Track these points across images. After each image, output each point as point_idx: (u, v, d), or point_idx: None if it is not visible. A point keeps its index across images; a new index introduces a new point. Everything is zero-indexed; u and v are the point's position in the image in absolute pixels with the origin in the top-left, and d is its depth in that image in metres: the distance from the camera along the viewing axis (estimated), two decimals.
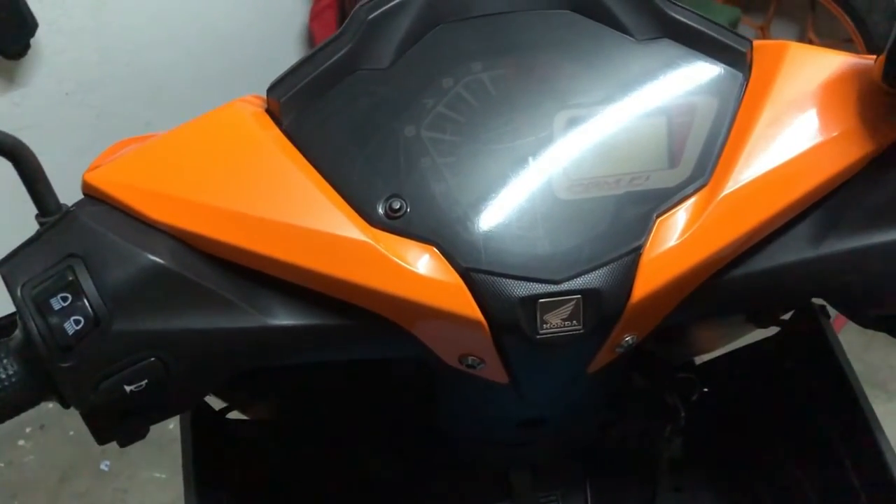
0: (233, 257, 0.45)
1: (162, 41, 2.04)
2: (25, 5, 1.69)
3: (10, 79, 1.83)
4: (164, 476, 1.83)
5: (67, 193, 0.47)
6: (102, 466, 1.85)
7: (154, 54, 2.04)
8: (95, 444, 0.48)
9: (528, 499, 0.69)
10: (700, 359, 0.75)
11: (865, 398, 0.57)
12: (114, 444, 0.48)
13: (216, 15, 2.14)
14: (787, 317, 0.64)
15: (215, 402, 0.63)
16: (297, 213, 0.43)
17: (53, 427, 1.91)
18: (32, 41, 1.76)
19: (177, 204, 0.44)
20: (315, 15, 2.28)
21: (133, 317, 0.42)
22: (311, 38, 2.35)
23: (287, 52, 2.37)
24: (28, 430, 1.92)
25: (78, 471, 1.84)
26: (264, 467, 0.65)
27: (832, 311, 0.60)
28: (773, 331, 0.65)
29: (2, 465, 1.86)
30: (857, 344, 1.93)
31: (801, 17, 2.46)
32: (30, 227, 0.45)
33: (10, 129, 1.54)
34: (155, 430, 0.49)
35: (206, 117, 0.47)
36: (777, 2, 2.48)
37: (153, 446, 1.89)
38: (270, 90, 0.47)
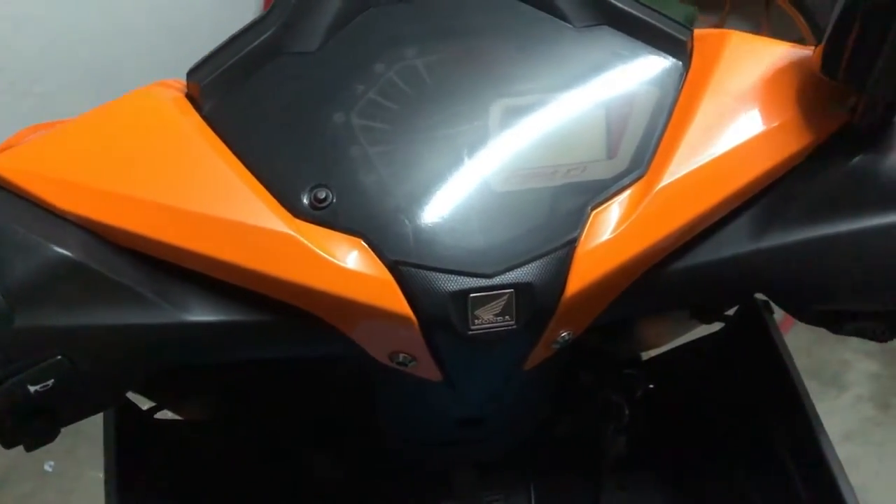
0: (147, 250, 0.42)
1: (112, 31, 2.00)
2: None
3: None
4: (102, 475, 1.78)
5: None
6: (46, 467, 1.80)
7: (103, 44, 1.99)
8: (6, 449, 0.45)
9: (471, 498, 0.67)
10: (645, 355, 0.75)
11: (807, 395, 0.56)
12: (58, 444, 0.45)
13: (168, 4, 2.10)
14: (731, 312, 0.63)
15: (143, 402, 0.60)
16: (216, 204, 0.41)
17: None
18: None
19: (87, 193, 0.42)
20: (269, 3, 2.24)
21: (37, 312, 0.40)
22: None
23: None
24: None
25: (20, 472, 1.79)
26: (196, 469, 0.63)
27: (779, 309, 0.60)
28: (717, 326, 0.65)
29: None
30: (807, 339, 1.95)
31: (756, 15, 2.49)
32: None
33: None
34: (101, 429, 0.47)
35: (121, 101, 0.44)
36: (731, 0, 2.51)
37: (99, 446, 1.85)
38: (191, 73, 0.45)
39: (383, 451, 0.66)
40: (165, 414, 0.64)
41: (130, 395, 0.57)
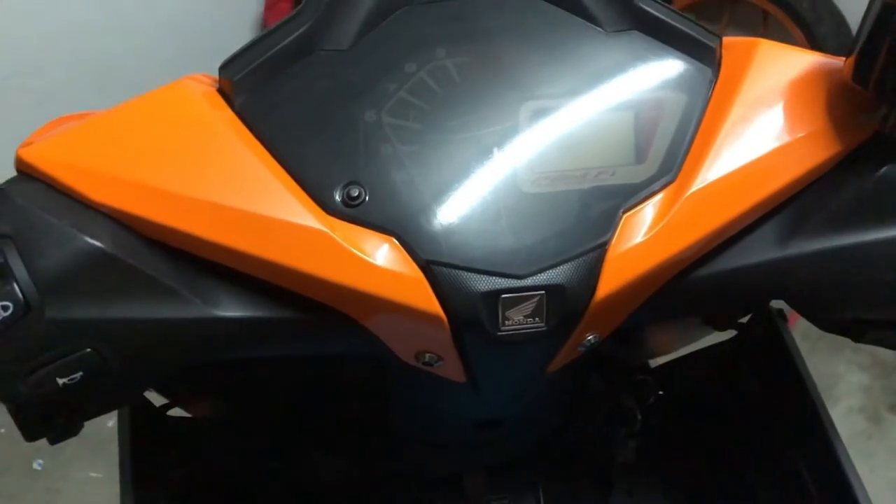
0: (178, 243, 0.42)
1: (109, 27, 1.99)
2: None
3: None
4: (99, 475, 1.77)
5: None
6: (35, 465, 1.79)
7: (100, 40, 1.98)
8: (27, 442, 0.44)
9: (481, 501, 0.67)
10: (656, 361, 0.75)
11: (822, 403, 0.57)
12: (47, 443, 0.45)
13: (167, 1, 2.09)
14: (744, 320, 0.64)
15: (156, 399, 0.60)
16: (249, 198, 0.41)
17: None
18: None
19: (119, 184, 0.41)
20: (270, 5, 2.24)
21: (68, 304, 0.39)
22: (264, 27, 2.31)
23: (239, 42, 2.33)
24: None
25: (8, 470, 1.77)
26: (207, 466, 0.62)
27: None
28: (729, 334, 0.65)
29: None
30: (801, 350, 1.96)
31: (754, 27, 2.51)
32: None
33: None
34: (91, 427, 0.46)
35: (154, 94, 0.44)
36: (730, 12, 2.52)
37: (89, 445, 1.83)
38: (223, 68, 0.45)
39: (394, 453, 0.66)
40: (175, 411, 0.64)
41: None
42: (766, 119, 0.45)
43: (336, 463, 0.67)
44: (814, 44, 2.00)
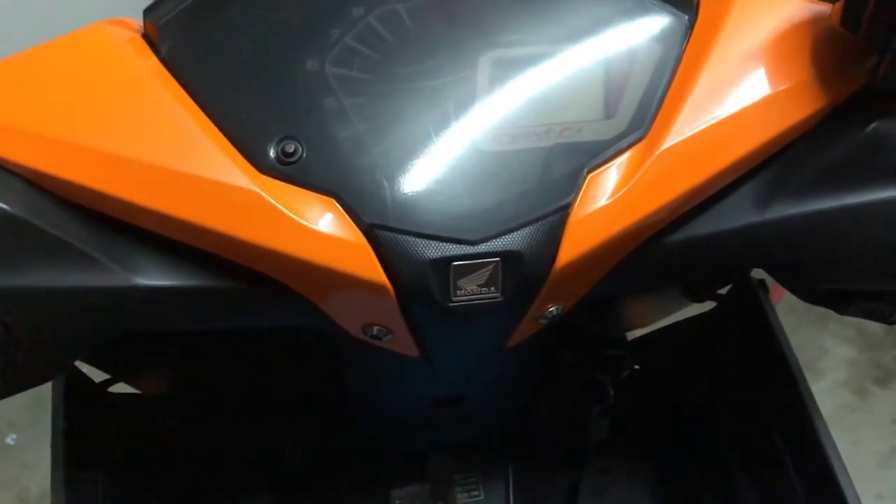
0: (95, 204, 0.38)
1: None
2: None
3: None
4: None
5: None
6: (9, 440, 1.75)
7: (72, 4, 1.92)
8: (2, 415, 0.41)
9: (446, 480, 0.64)
10: (632, 334, 0.72)
11: (803, 377, 0.54)
12: (21, 417, 0.41)
13: None
14: (723, 291, 0.61)
15: (96, 374, 0.56)
16: (172, 155, 0.37)
17: None
18: None
19: (27, 139, 0.37)
20: None
21: None
22: None
23: None
24: None
25: None
26: (152, 445, 0.59)
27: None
28: (708, 306, 0.62)
29: None
30: (786, 324, 1.94)
31: None
32: None
33: None
34: None
35: (69, 38, 0.40)
36: None
37: None
38: (148, 11, 0.41)
39: (352, 429, 0.63)
40: (121, 388, 0.61)
41: (83, 367, 0.53)
42: (746, 70, 0.42)
43: (289, 439, 0.63)
44: None
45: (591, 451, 0.67)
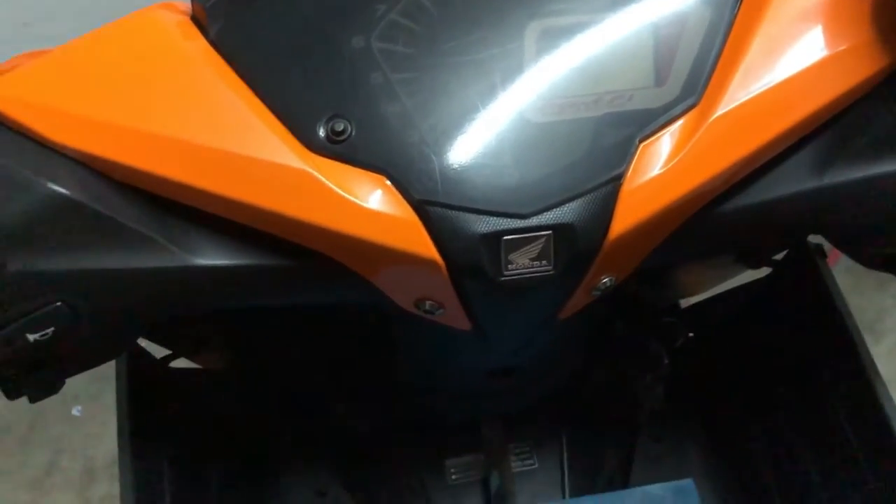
0: (151, 187, 0.39)
1: None
2: None
3: None
4: None
5: None
6: (74, 412, 1.82)
7: None
8: (68, 388, 0.43)
9: (500, 449, 0.65)
10: (685, 302, 0.71)
11: (864, 343, 0.53)
12: (86, 389, 0.43)
13: None
14: (779, 257, 0.59)
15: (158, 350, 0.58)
16: (225, 137, 0.38)
17: None
18: None
19: (85, 125, 0.38)
20: None
21: (33, 256, 0.37)
22: None
23: None
24: None
25: (49, 416, 1.81)
26: (212, 419, 0.61)
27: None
28: (764, 272, 0.61)
29: None
30: (844, 285, 1.88)
31: None
32: None
33: None
34: None
35: (120, 24, 0.40)
36: None
37: None
38: None
39: (409, 400, 0.63)
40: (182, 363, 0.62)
41: (145, 343, 0.55)
42: (801, 32, 0.41)
43: (348, 411, 0.64)
44: None
45: (644, 418, 0.67)
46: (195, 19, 0.41)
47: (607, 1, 0.41)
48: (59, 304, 0.37)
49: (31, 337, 0.37)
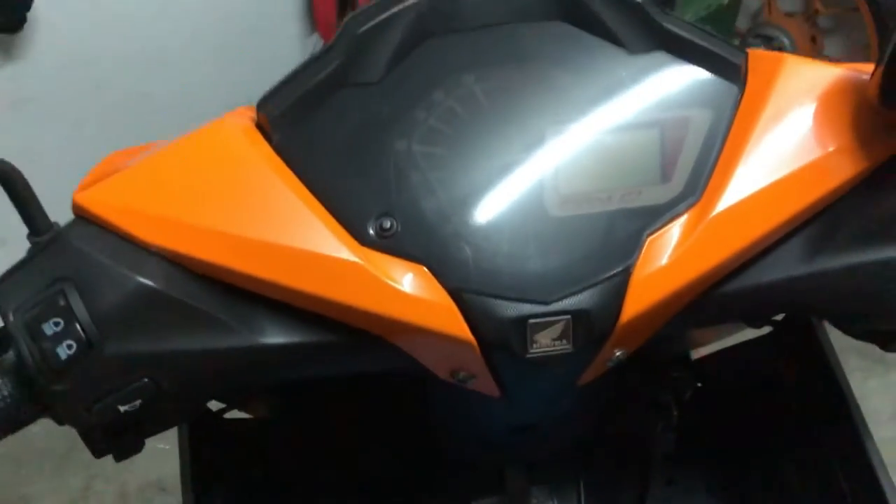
0: (224, 277, 0.45)
1: (159, 14, 2.03)
2: None
3: (7, 52, 1.81)
4: (167, 447, 1.85)
5: (68, 170, 0.46)
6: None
7: (151, 27, 2.02)
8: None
9: (522, 494, 0.70)
10: (696, 352, 0.76)
11: (854, 401, 0.57)
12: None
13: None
14: (779, 317, 0.64)
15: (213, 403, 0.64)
16: (288, 233, 0.43)
17: None
18: (29, 15, 1.74)
19: (167, 225, 0.44)
20: None
21: (125, 340, 0.42)
22: (310, 9, 2.32)
23: (286, 23, 2.34)
24: None
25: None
26: (263, 466, 0.66)
27: None
28: (765, 329, 0.66)
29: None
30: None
31: None
32: None
33: (9, 102, 1.53)
34: None
35: (197, 134, 0.46)
36: None
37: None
38: (260, 105, 0.47)
39: (437, 449, 0.69)
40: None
41: None
42: (792, 136, 0.45)
43: (381, 459, 0.70)
44: (872, 2, 1.93)
45: (657, 463, 0.72)
46: (260, 126, 0.47)
47: (618, 106, 0.46)
48: (146, 380, 0.43)
49: (121, 408, 0.43)
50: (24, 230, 0.45)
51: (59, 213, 0.46)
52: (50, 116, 1.88)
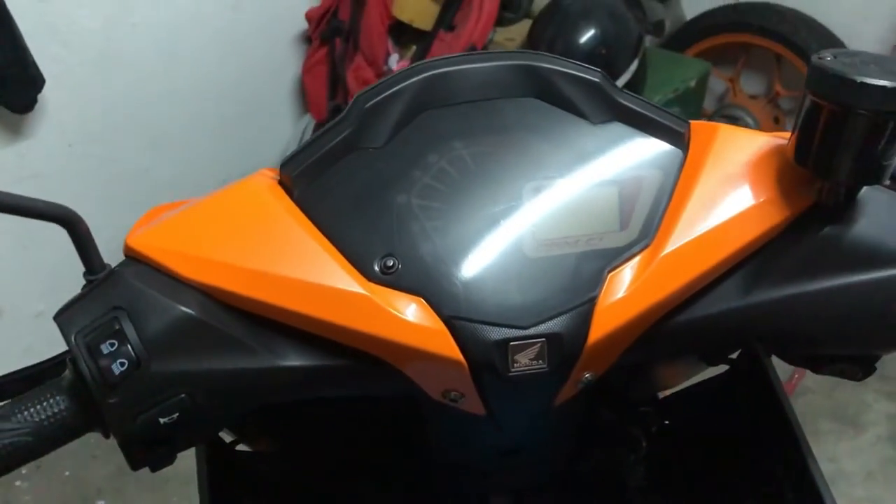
0: (251, 308, 0.52)
1: (161, 95, 2.12)
2: (33, 63, 1.77)
3: (17, 131, 1.89)
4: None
5: (68, 242, 0.52)
6: None
7: (153, 107, 2.11)
8: (91, 483, 0.54)
9: None
10: (662, 394, 0.83)
11: (803, 435, 0.61)
12: (108, 483, 0.54)
13: (213, 69, 2.22)
14: (734, 356, 0.71)
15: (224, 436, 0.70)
16: (306, 270, 0.51)
17: (49, 468, 1.94)
18: (39, 96, 1.82)
19: (204, 264, 0.52)
20: (307, 69, 2.37)
21: (168, 359, 0.49)
22: (303, 89, 2.44)
23: (280, 103, 2.45)
24: (24, 471, 1.95)
25: None
26: (272, 497, 0.72)
27: None
28: (723, 368, 0.73)
29: None
30: (827, 382, 2.01)
31: (768, 70, 2.58)
32: None
33: (15, 178, 1.64)
34: (145, 470, 0.54)
35: (230, 189, 0.55)
36: (745, 56, 2.60)
37: (145, 485, 1.94)
38: (283, 166, 0.55)
39: (428, 478, 0.75)
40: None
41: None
42: (726, 190, 0.53)
43: (384, 489, 0.76)
44: None
45: (631, 494, 0.78)
46: (283, 184, 0.55)
47: (584, 167, 0.54)
48: (183, 396, 0.50)
49: (161, 420, 0.50)
50: (19, 302, 0.52)
51: (67, 281, 0.52)
52: (54, 191, 1.95)
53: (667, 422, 0.77)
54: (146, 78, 2.07)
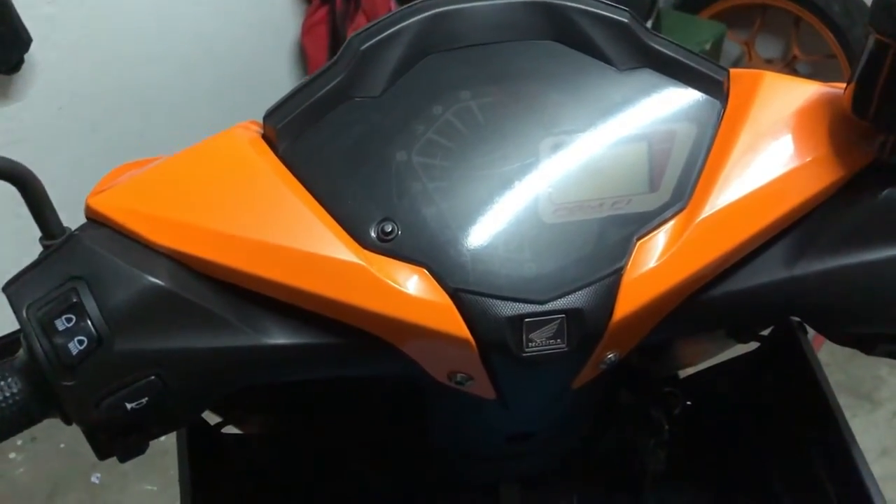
0: (230, 278, 0.46)
1: (154, 56, 2.07)
2: (19, 21, 1.71)
3: (5, 93, 1.84)
4: (154, 488, 1.84)
5: (62, 205, 0.48)
6: (93, 479, 1.86)
7: (147, 69, 2.06)
8: (87, 456, 0.49)
9: None
10: (684, 372, 0.77)
11: (841, 412, 0.59)
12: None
13: (208, 30, 2.17)
14: (766, 332, 0.66)
15: (210, 417, 0.64)
16: (292, 236, 0.45)
17: (45, 440, 1.92)
18: (26, 56, 1.78)
19: (176, 227, 0.46)
20: (306, 30, 2.31)
21: (134, 336, 0.44)
22: (302, 52, 2.37)
23: (278, 66, 2.39)
24: (19, 442, 1.93)
25: (69, 483, 1.85)
26: (260, 481, 0.67)
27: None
28: (753, 345, 0.67)
29: None
30: (842, 355, 1.96)
31: (786, 32, 2.50)
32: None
33: (4, 142, 1.58)
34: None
35: (205, 143, 0.48)
36: (762, 18, 2.52)
37: (144, 459, 1.91)
38: (267, 117, 0.49)
39: (431, 465, 0.69)
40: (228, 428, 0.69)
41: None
42: (772, 147, 0.48)
43: (383, 476, 0.70)
44: (846, 48, 2.00)
45: (648, 480, 0.73)
46: (266, 138, 0.49)
47: (609, 120, 0.48)
48: (152, 377, 0.44)
49: (128, 405, 0.44)
50: None
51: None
52: (45, 156, 1.91)
53: (689, 403, 0.71)
54: (139, 38, 2.01)
